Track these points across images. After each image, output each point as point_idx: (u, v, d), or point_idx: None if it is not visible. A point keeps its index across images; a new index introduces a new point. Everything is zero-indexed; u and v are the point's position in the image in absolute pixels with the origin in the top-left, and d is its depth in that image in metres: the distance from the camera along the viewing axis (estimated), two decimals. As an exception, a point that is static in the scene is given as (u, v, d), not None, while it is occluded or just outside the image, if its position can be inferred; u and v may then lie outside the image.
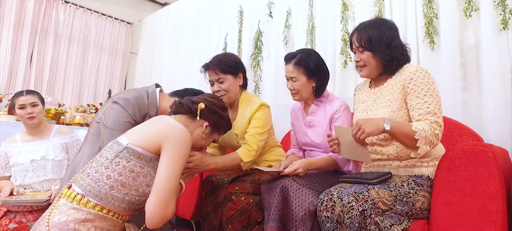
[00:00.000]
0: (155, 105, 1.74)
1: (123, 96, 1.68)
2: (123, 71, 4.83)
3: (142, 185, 1.16)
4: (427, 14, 2.15)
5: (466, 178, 1.17)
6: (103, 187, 1.12)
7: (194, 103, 1.40)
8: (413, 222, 1.26)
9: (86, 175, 1.16)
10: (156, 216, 1.09)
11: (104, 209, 1.12)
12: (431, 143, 1.29)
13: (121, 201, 1.14)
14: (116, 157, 1.16)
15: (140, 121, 1.69)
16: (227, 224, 1.57)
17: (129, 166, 1.14)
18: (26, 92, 2.15)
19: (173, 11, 4.24)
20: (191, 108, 1.39)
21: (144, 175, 1.17)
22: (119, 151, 1.16)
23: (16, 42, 3.89)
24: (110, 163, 1.15)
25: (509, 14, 1.85)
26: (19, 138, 2.17)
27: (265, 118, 1.78)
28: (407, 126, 1.31)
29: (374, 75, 1.53)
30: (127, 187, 1.14)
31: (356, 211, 1.19)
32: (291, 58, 1.73)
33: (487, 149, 1.15)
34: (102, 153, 1.22)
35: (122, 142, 1.19)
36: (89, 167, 1.18)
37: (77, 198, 1.11)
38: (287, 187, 1.46)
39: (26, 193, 1.98)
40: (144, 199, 1.17)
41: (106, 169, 1.14)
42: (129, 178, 1.14)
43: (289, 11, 2.91)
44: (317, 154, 1.73)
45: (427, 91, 1.35)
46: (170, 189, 1.12)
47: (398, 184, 1.30)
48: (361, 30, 1.51)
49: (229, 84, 1.81)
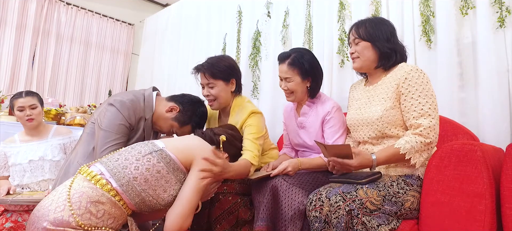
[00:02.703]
0: (151, 109, 1.74)
1: (119, 99, 1.68)
2: (125, 72, 4.85)
3: (160, 189, 1.22)
4: (424, 13, 2.13)
5: (455, 178, 1.15)
6: (128, 174, 1.17)
7: (216, 135, 1.54)
8: (402, 222, 1.25)
9: (115, 159, 1.22)
10: (175, 226, 1.18)
11: (117, 196, 1.16)
12: (422, 150, 1.30)
13: (137, 194, 1.18)
14: (149, 154, 1.22)
15: (135, 124, 1.69)
16: (215, 224, 1.57)
17: (158, 166, 1.21)
18: (25, 93, 2.17)
19: (174, 11, 4.25)
20: (213, 140, 1.51)
21: (166, 180, 1.23)
22: (154, 150, 1.24)
23: (18, 43, 3.92)
24: (142, 156, 1.21)
25: (506, 12, 1.83)
26: (18, 138, 2.19)
27: (258, 124, 1.71)
28: (390, 147, 1.35)
29: (368, 67, 1.52)
30: (148, 184, 1.19)
31: (343, 210, 1.18)
32: (285, 58, 1.69)
33: (476, 148, 1.13)
34: (134, 146, 1.29)
35: (159, 144, 1.27)
36: (119, 154, 1.25)
37: (96, 178, 1.16)
38: (277, 186, 1.45)
39: (24, 192, 2.01)
40: (155, 203, 1.22)
41: (137, 161, 1.20)
42: (153, 177, 1.20)
43: (287, 10, 2.90)
44: (310, 155, 1.72)
45: (421, 92, 1.34)
46: (193, 203, 1.22)
47: (388, 184, 1.29)
48: (359, 24, 1.53)
49: (220, 90, 1.76)
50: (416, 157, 1.29)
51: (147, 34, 4.73)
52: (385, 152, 1.33)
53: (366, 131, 1.49)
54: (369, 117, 1.46)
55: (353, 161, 1.30)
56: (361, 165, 1.32)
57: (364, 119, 1.48)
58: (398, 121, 1.40)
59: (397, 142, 1.32)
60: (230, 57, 1.90)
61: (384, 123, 1.41)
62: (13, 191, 1.94)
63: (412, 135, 1.31)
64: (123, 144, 1.63)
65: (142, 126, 1.72)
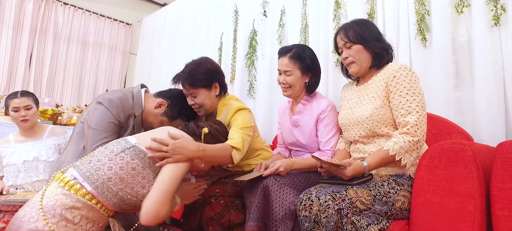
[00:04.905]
0: (140, 106, 1.74)
1: (107, 97, 1.68)
2: (122, 72, 4.85)
3: (138, 185, 1.19)
4: (419, 11, 2.11)
5: (445, 178, 1.14)
6: (101, 176, 1.15)
7: (199, 128, 1.47)
8: (392, 223, 1.24)
9: (88, 162, 1.19)
10: (151, 212, 1.13)
11: (94, 199, 1.14)
12: (411, 149, 1.29)
13: (114, 194, 1.16)
14: (122, 152, 1.19)
15: (124, 121, 1.69)
16: (207, 226, 1.57)
17: (132, 163, 1.18)
18: (20, 94, 2.15)
19: (171, 11, 4.25)
20: (195, 132, 1.45)
21: (143, 176, 1.20)
22: (126, 147, 1.21)
23: (16, 42, 3.92)
24: (115, 155, 1.19)
25: (501, 10, 1.81)
26: (13, 139, 2.18)
27: (244, 118, 1.66)
28: (379, 151, 1.33)
29: (365, 70, 1.51)
30: (123, 183, 1.17)
31: (332, 210, 1.17)
32: (287, 51, 1.69)
33: (466, 148, 1.12)
34: (107, 146, 1.26)
35: (131, 141, 1.24)
36: (91, 156, 1.22)
37: (70, 183, 1.13)
38: (268, 186, 1.44)
39: (17, 193, 2.00)
40: (135, 200, 1.19)
41: (110, 161, 1.18)
42: (129, 175, 1.17)
43: (283, 10, 2.90)
44: (303, 154, 1.71)
45: (409, 90, 1.33)
46: (169, 190, 1.17)
47: (378, 184, 1.29)
48: (346, 28, 1.51)
49: (203, 98, 1.72)
50: (406, 157, 1.28)
51: (144, 33, 4.72)
52: (375, 156, 1.32)
53: (357, 130, 1.48)
54: (359, 116, 1.45)
55: (347, 170, 1.28)
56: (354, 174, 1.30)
57: (355, 118, 1.47)
58: (388, 119, 1.40)
59: (386, 144, 1.31)
60: (208, 60, 1.83)
61: (374, 121, 1.40)
62: (6, 191, 1.94)
63: (400, 135, 1.31)
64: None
65: (131, 123, 1.72)
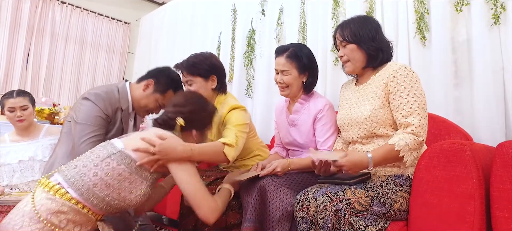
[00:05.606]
0: (126, 99, 1.76)
1: (93, 92, 1.68)
2: (121, 71, 4.83)
3: (125, 191, 1.17)
4: (418, 9, 2.10)
5: (444, 178, 1.12)
6: (87, 182, 1.12)
7: (171, 119, 1.34)
8: (391, 224, 1.22)
9: (73, 167, 1.16)
10: (207, 215, 1.20)
11: (80, 204, 1.12)
12: (415, 148, 1.27)
13: (100, 200, 1.13)
14: (107, 157, 1.16)
15: (112, 115, 1.69)
16: (203, 227, 1.55)
17: (118, 169, 1.15)
18: (16, 93, 2.14)
19: (169, 10, 4.23)
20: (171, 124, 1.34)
21: (130, 181, 1.17)
22: (113, 152, 1.18)
23: (13, 42, 3.91)
24: (100, 161, 1.15)
25: (501, 9, 1.79)
26: (8, 138, 2.16)
27: (239, 116, 1.63)
28: (384, 145, 1.29)
29: (359, 69, 1.50)
30: (110, 188, 1.14)
31: (329, 211, 1.15)
32: (284, 51, 1.67)
33: (465, 148, 1.10)
34: (93, 151, 1.22)
35: (117, 145, 1.20)
36: (77, 160, 1.19)
37: (54, 188, 1.11)
38: (265, 187, 1.42)
39: (12, 193, 1.98)
40: (122, 204, 1.18)
41: (95, 166, 1.15)
42: (115, 180, 1.15)
43: (281, 8, 2.88)
44: (300, 154, 1.69)
45: (410, 91, 1.32)
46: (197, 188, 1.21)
47: (376, 184, 1.27)
48: (344, 26, 1.50)
49: (198, 87, 1.70)
50: (408, 155, 1.26)
51: (143, 32, 4.71)
52: (379, 150, 1.28)
53: (355, 130, 1.46)
54: (358, 116, 1.43)
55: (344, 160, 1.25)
56: (352, 163, 1.25)
57: (353, 119, 1.46)
58: (387, 120, 1.38)
59: (391, 139, 1.28)
60: (212, 55, 1.82)
61: (373, 122, 1.38)
62: (1, 191, 1.91)
63: (404, 133, 1.28)
64: (101, 136, 1.61)
65: (119, 117, 1.72)
